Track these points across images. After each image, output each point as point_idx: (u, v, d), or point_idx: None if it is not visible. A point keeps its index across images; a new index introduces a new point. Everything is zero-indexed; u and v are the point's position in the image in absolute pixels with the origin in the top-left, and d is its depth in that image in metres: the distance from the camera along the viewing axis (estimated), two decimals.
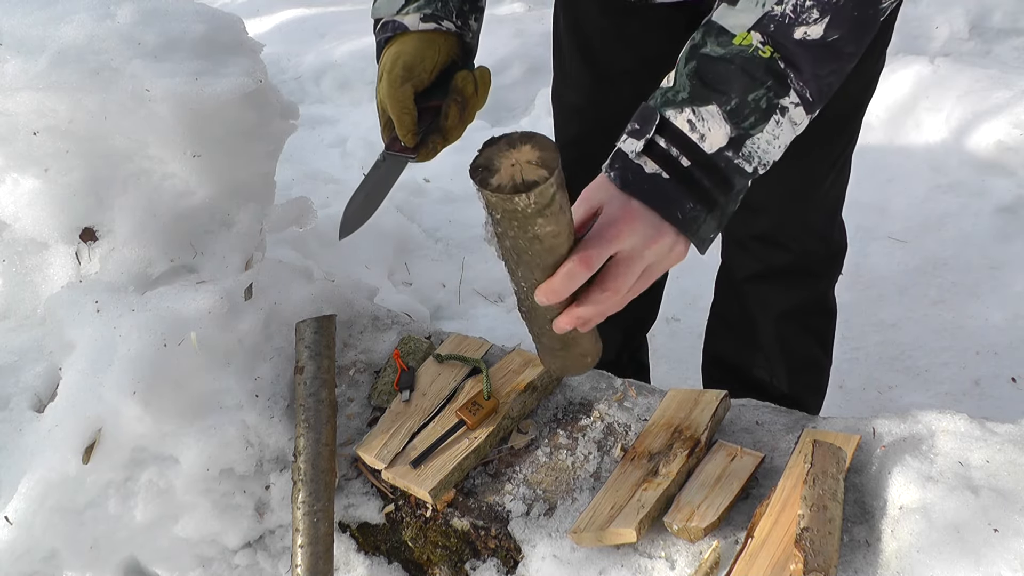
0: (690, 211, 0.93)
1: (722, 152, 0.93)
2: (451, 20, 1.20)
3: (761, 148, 0.94)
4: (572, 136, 1.70)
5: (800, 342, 1.71)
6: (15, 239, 1.55)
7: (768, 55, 0.91)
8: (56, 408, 1.34)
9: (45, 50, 1.43)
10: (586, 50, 1.57)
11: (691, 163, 0.92)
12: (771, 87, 0.92)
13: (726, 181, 0.94)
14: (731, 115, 0.92)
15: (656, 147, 0.93)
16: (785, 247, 1.57)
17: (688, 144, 0.93)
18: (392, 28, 1.21)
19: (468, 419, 1.32)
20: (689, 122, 0.92)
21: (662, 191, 0.92)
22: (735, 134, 0.92)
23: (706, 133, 0.92)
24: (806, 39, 0.91)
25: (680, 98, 0.93)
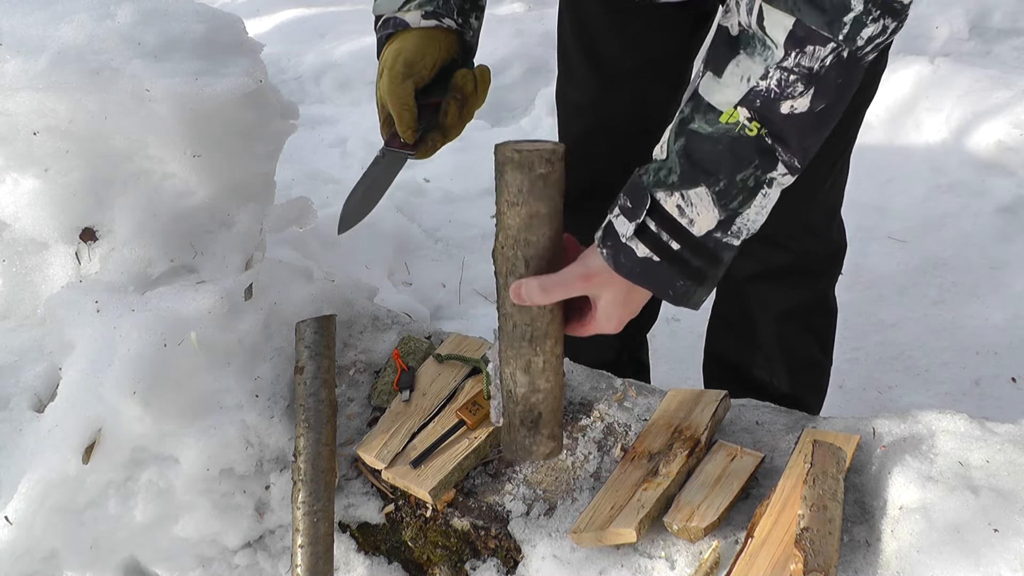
0: (680, 288, 0.97)
1: (711, 234, 0.95)
2: (452, 18, 1.20)
3: (749, 220, 0.95)
4: (576, 134, 1.70)
5: (800, 342, 1.71)
6: (15, 239, 1.55)
7: (755, 132, 0.91)
8: (56, 408, 1.34)
9: (45, 50, 1.43)
10: (590, 49, 1.57)
11: (681, 246, 0.95)
12: (758, 165, 0.92)
13: (715, 258, 0.97)
14: (719, 196, 0.93)
15: (647, 230, 0.95)
16: (785, 247, 1.57)
17: (677, 228, 0.95)
18: (393, 24, 1.21)
19: (468, 419, 1.32)
20: (678, 207, 0.94)
21: (653, 273, 0.96)
22: (724, 216, 0.94)
23: (695, 217, 0.94)
24: (793, 112, 0.90)
25: (671, 180, 0.94)
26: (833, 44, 0.87)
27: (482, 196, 2.99)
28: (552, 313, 1.01)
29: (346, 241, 2.60)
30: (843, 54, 0.88)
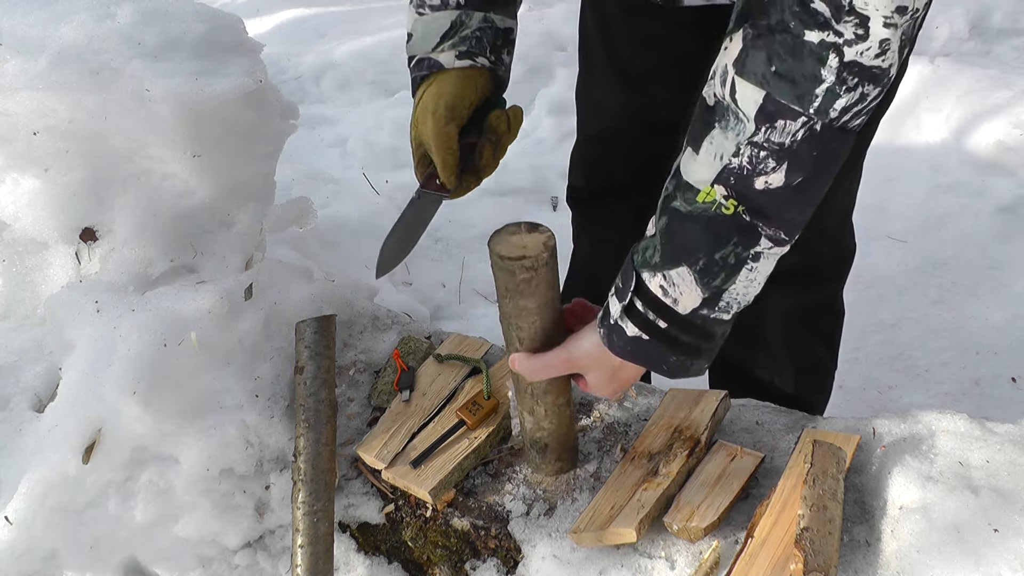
0: (675, 362, 0.99)
1: (697, 312, 0.95)
2: (485, 56, 1.19)
3: (738, 294, 0.95)
4: (595, 133, 1.71)
5: (807, 344, 1.71)
6: (15, 239, 1.55)
7: (732, 210, 0.90)
8: (56, 408, 1.34)
9: (45, 50, 1.43)
10: (612, 49, 1.57)
11: (668, 324, 0.96)
12: (738, 242, 0.91)
13: (706, 334, 0.98)
14: (701, 275, 0.93)
15: (635, 310, 0.97)
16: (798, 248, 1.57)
17: (662, 307, 0.96)
18: (427, 66, 1.19)
19: (468, 419, 1.32)
20: (661, 287, 0.95)
21: (644, 351, 0.99)
22: (708, 294, 0.94)
23: (679, 297, 0.95)
24: (768, 188, 0.88)
25: (654, 261, 0.95)
26: (804, 118, 0.84)
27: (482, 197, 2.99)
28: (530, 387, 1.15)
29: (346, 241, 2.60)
30: (815, 127, 0.84)
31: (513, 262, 1.02)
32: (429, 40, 1.18)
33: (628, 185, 1.71)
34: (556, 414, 1.19)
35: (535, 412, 1.20)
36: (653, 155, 1.71)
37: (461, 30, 1.16)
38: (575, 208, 1.84)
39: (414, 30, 1.20)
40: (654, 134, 1.67)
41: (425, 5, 1.19)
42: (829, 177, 0.90)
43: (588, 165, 1.76)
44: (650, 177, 1.69)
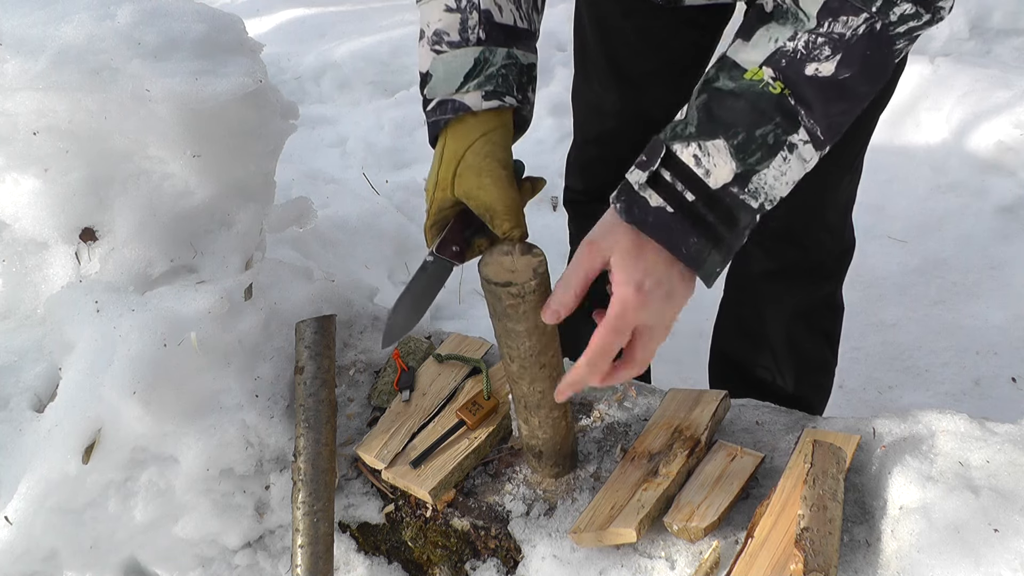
0: (694, 245, 0.94)
1: (727, 188, 0.93)
2: (512, 95, 1.09)
3: (768, 184, 0.94)
4: (593, 135, 1.70)
5: (809, 340, 1.71)
6: (15, 239, 1.55)
7: (779, 91, 0.91)
8: (56, 408, 1.34)
9: (45, 50, 1.43)
10: (610, 50, 1.57)
11: (696, 198, 0.93)
12: (779, 123, 0.92)
13: (731, 217, 0.94)
14: (738, 150, 0.92)
15: (661, 180, 0.94)
16: (800, 245, 1.58)
17: (693, 179, 0.93)
18: (452, 109, 1.07)
19: (468, 419, 1.32)
20: (695, 156, 0.93)
21: (666, 225, 0.93)
22: (741, 170, 0.92)
23: (711, 168, 0.92)
24: (817, 76, 0.91)
25: (688, 132, 0.93)
26: (866, 15, 0.88)
27: None
28: (542, 393, 1.14)
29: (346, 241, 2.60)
30: (875, 26, 0.89)
31: (499, 287, 1.01)
32: (452, 81, 1.07)
33: None
34: (551, 425, 1.20)
35: (529, 422, 1.20)
36: None
37: (486, 68, 1.07)
38: (572, 210, 1.84)
39: (434, 70, 1.09)
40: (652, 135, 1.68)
41: (443, 42, 1.08)
42: (870, 87, 0.94)
43: (586, 167, 1.76)
44: None
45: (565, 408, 1.20)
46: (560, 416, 1.20)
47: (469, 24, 1.08)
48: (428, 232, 1.12)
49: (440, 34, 1.08)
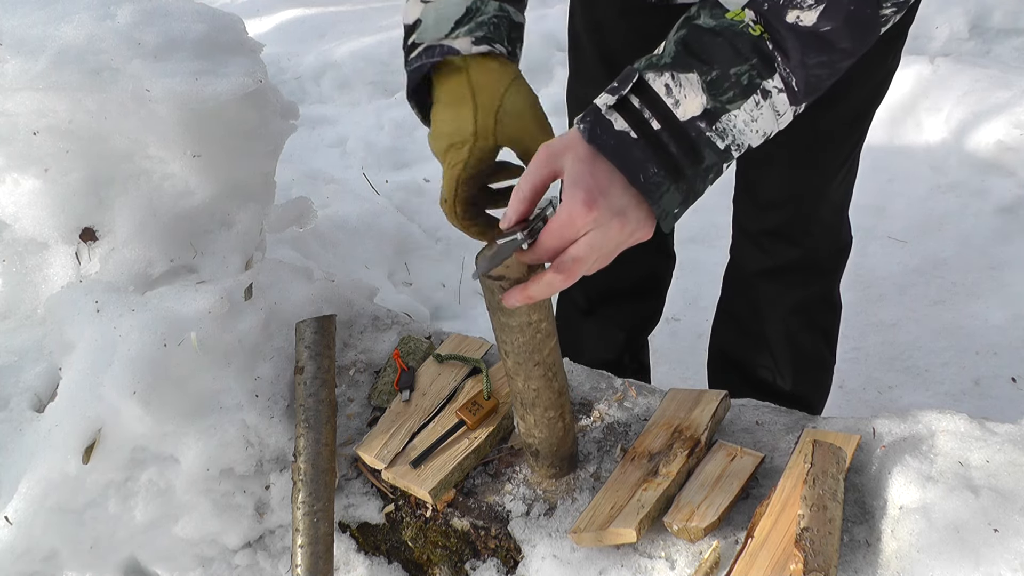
0: (653, 176, 0.91)
1: (694, 121, 0.92)
2: (503, 44, 1.08)
3: (737, 127, 0.93)
4: None
5: (807, 338, 1.71)
6: (15, 239, 1.55)
7: (758, 33, 0.91)
8: (56, 408, 1.34)
9: (45, 50, 1.43)
10: (605, 50, 1.57)
11: (661, 127, 0.92)
12: (755, 65, 0.91)
13: (695, 152, 0.93)
14: (710, 86, 0.91)
15: (629, 105, 0.92)
16: (797, 242, 1.58)
17: (661, 108, 0.92)
18: (440, 52, 1.04)
19: (468, 419, 1.32)
20: (666, 86, 0.92)
21: (627, 149, 0.91)
22: (711, 106, 0.91)
23: (681, 100, 0.91)
24: (798, 24, 0.90)
25: (663, 63, 0.93)
26: None
27: None
28: (537, 392, 1.15)
29: (346, 241, 2.60)
30: None
31: (492, 281, 1.01)
32: (442, 26, 1.06)
33: None
34: (546, 425, 1.20)
35: (526, 420, 1.21)
36: None
37: (477, 16, 1.07)
38: None
39: (424, 16, 1.08)
40: None
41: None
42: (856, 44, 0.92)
43: None
44: None
45: (562, 410, 1.20)
46: (556, 417, 1.20)
47: None
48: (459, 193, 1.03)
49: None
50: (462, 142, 1.03)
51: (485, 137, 1.03)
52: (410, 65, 1.08)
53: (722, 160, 0.95)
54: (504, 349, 1.12)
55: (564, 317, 1.98)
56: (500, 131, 1.04)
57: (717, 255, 1.98)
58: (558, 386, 1.17)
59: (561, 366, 1.18)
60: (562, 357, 1.20)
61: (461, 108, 1.04)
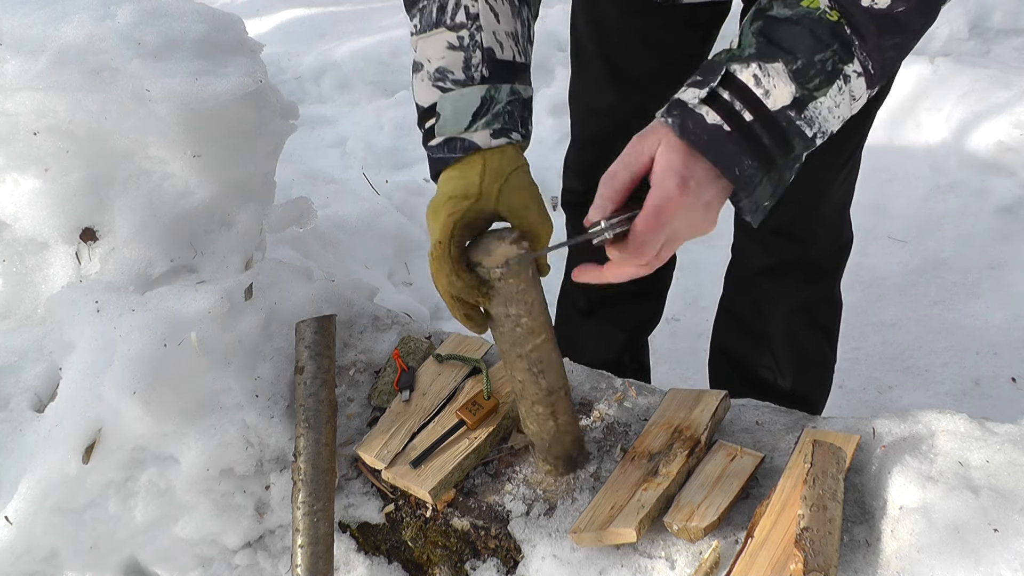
0: (748, 168, 0.93)
1: (785, 111, 0.93)
2: (517, 131, 1.11)
3: (822, 114, 0.94)
4: (591, 136, 1.70)
5: (808, 336, 1.71)
6: (15, 239, 1.55)
7: (835, 19, 0.92)
8: (56, 408, 1.34)
9: (45, 50, 1.43)
10: (607, 51, 1.57)
11: (753, 118, 0.92)
12: (836, 51, 0.92)
13: (786, 142, 0.94)
14: (797, 75, 0.92)
15: (719, 98, 0.93)
16: (799, 240, 1.58)
17: (752, 99, 0.92)
18: (462, 148, 1.08)
19: (468, 419, 1.32)
20: (755, 77, 0.92)
21: (722, 143, 0.92)
22: (800, 94, 0.92)
23: (771, 89, 0.92)
24: (873, 7, 0.91)
25: (746, 54, 0.93)
26: None
27: None
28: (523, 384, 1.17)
29: (346, 241, 2.60)
30: None
31: (485, 270, 1.06)
32: (461, 119, 1.08)
33: None
34: (535, 420, 1.21)
35: (519, 409, 1.22)
36: None
37: (493, 106, 1.09)
38: (571, 211, 1.85)
39: (442, 108, 1.09)
40: None
41: (447, 80, 1.09)
42: (924, 21, 0.93)
43: (585, 169, 1.76)
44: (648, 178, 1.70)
45: (554, 409, 1.20)
46: (546, 414, 1.20)
47: (473, 62, 1.08)
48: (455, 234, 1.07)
49: (443, 72, 1.09)
50: (464, 197, 1.08)
51: (487, 199, 1.07)
52: (431, 151, 1.12)
53: (807, 148, 0.96)
54: (493, 334, 1.15)
55: (564, 317, 1.98)
56: (501, 199, 1.08)
57: (717, 255, 1.98)
58: (547, 384, 1.17)
59: (553, 366, 1.17)
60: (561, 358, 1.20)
61: (470, 174, 1.08)
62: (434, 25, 1.10)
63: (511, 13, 1.11)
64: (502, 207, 1.08)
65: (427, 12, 1.10)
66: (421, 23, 1.11)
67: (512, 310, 1.09)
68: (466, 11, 1.08)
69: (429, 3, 1.10)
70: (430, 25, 1.10)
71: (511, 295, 1.08)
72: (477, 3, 1.08)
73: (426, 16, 1.10)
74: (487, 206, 1.08)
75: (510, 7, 1.11)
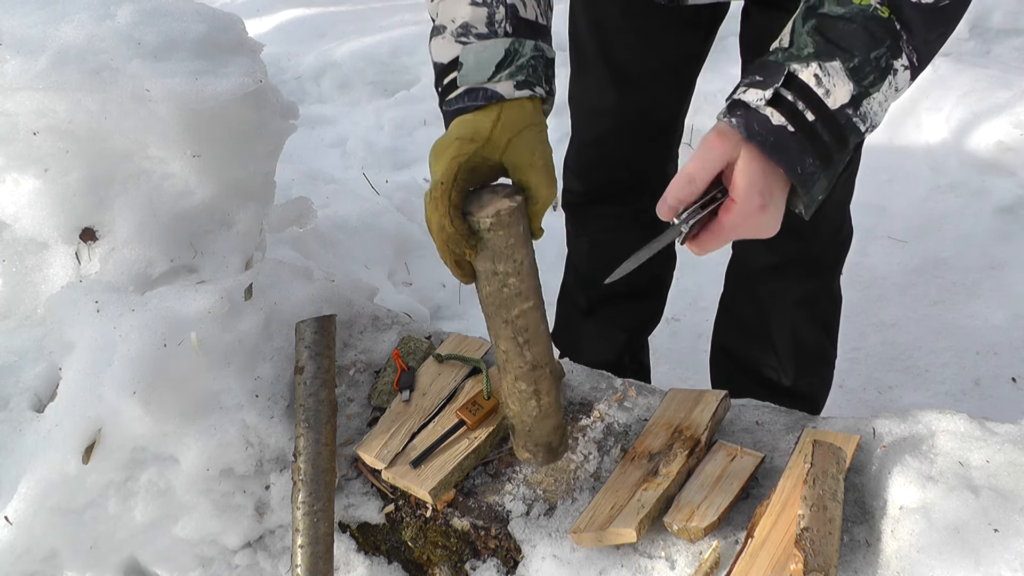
0: (809, 166, 0.95)
1: (843, 109, 0.94)
2: (542, 85, 1.11)
3: (874, 109, 0.96)
4: (593, 137, 1.70)
5: (809, 331, 1.72)
6: (15, 239, 1.55)
7: (887, 15, 0.93)
8: (56, 408, 1.34)
9: (45, 50, 1.43)
10: (608, 51, 1.57)
11: (815, 117, 0.94)
12: (889, 47, 0.93)
13: (843, 138, 0.96)
14: (854, 73, 0.93)
15: (783, 99, 0.94)
16: (801, 237, 1.59)
17: (814, 99, 0.94)
18: (484, 96, 1.07)
19: (468, 419, 1.32)
20: (816, 76, 0.94)
21: (787, 144, 0.94)
22: (856, 91, 0.94)
23: (831, 88, 0.94)
24: (921, 2, 0.92)
25: (805, 53, 0.95)
26: None
27: None
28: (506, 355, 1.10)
29: (346, 241, 2.60)
30: None
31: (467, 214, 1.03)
32: (484, 69, 1.07)
33: (627, 188, 1.72)
34: (516, 398, 1.13)
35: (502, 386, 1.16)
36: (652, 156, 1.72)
37: (517, 58, 1.08)
38: (571, 212, 1.85)
39: (464, 59, 1.08)
40: (652, 136, 1.68)
41: (470, 34, 1.09)
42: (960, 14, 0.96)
43: (585, 169, 1.76)
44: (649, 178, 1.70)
45: (537, 387, 1.12)
46: (529, 393, 1.12)
47: (496, 18, 1.09)
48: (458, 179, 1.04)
49: (467, 27, 1.09)
50: (472, 140, 1.05)
51: (494, 147, 1.05)
52: (449, 105, 1.10)
53: (858, 142, 0.98)
54: (479, 295, 1.09)
55: (565, 317, 1.98)
56: (509, 150, 1.06)
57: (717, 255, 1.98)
58: (532, 358, 1.10)
59: (540, 338, 1.11)
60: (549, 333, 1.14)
61: (483, 120, 1.06)
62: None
63: None
64: (508, 159, 1.06)
65: None
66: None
67: (500, 267, 1.04)
68: None
69: None
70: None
71: (499, 249, 1.03)
72: None
73: None
74: (493, 154, 1.05)
75: None
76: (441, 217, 1.02)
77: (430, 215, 1.04)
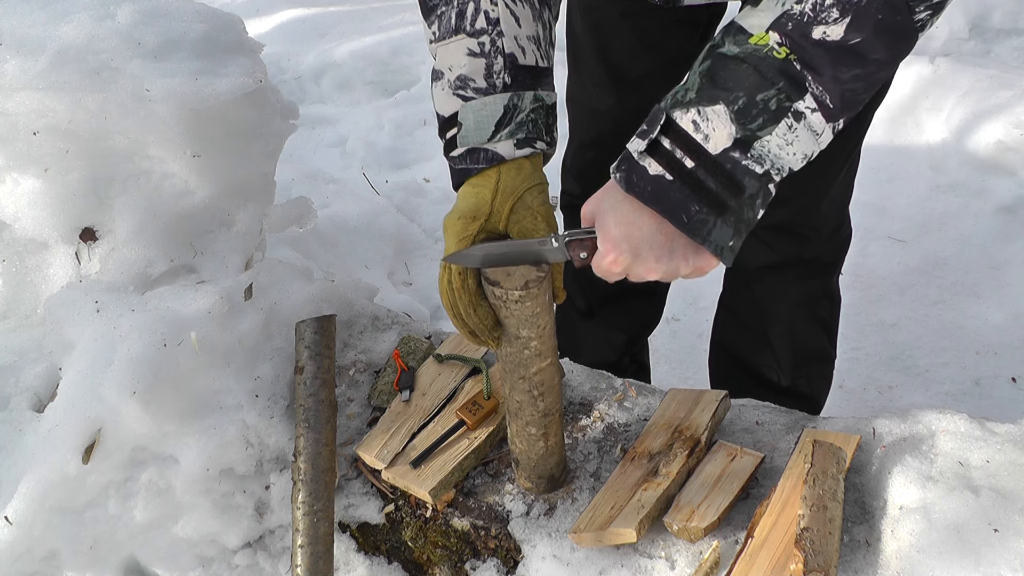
0: (696, 214, 0.92)
1: (727, 153, 0.91)
2: (542, 139, 1.10)
3: (773, 152, 0.92)
4: (591, 139, 1.70)
5: (809, 331, 1.72)
6: (15, 239, 1.55)
7: (783, 56, 0.89)
8: (56, 408, 1.34)
9: (45, 50, 1.43)
10: (606, 53, 1.57)
11: (695, 164, 0.91)
12: (782, 88, 0.90)
13: (734, 183, 0.92)
14: (738, 115, 0.90)
15: (660, 147, 0.92)
16: (800, 237, 1.58)
17: (692, 144, 0.91)
18: (485, 159, 1.07)
19: (468, 419, 1.32)
20: (694, 122, 0.91)
21: (665, 193, 0.92)
22: (741, 135, 0.90)
23: (710, 133, 0.91)
24: (825, 40, 0.87)
25: (688, 98, 0.92)
26: None
27: None
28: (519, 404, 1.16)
29: (346, 241, 2.60)
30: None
31: (489, 284, 1.05)
32: (484, 130, 1.07)
33: None
34: (526, 440, 1.20)
35: (510, 427, 1.21)
36: None
37: (516, 115, 1.07)
38: (569, 214, 1.85)
39: (464, 118, 1.08)
40: None
41: (468, 88, 1.07)
42: (891, 55, 0.90)
43: (585, 171, 1.76)
44: None
45: (547, 431, 1.19)
46: (538, 435, 1.19)
47: (495, 69, 1.07)
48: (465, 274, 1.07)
49: (465, 80, 1.07)
50: (475, 218, 1.06)
51: (497, 219, 1.07)
52: (453, 162, 1.11)
53: (765, 184, 0.94)
54: (498, 351, 1.13)
55: (564, 317, 1.98)
56: (512, 219, 1.07)
57: None
58: (544, 407, 1.16)
59: (553, 389, 1.17)
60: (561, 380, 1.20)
61: (483, 191, 1.07)
62: (453, 32, 1.08)
63: (532, 16, 1.09)
64: (512, 228, 1.07)
65: (445, 19, 1.08)
66: (440, 30, 1.09)
67: (523, 332, 1.08)
68: (486, 16, 1.06)
69: (447, 9, 1.08)
70: (449, 32, 1.08)
71: (525, 318, 1.06)
72: (497, 8, 1.06)
73: (445, 23, 1.08)
74: (497, 226, 1.07)
75: (531, 10, 1.09)
76: (466, 306, 1.06)
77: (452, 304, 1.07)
